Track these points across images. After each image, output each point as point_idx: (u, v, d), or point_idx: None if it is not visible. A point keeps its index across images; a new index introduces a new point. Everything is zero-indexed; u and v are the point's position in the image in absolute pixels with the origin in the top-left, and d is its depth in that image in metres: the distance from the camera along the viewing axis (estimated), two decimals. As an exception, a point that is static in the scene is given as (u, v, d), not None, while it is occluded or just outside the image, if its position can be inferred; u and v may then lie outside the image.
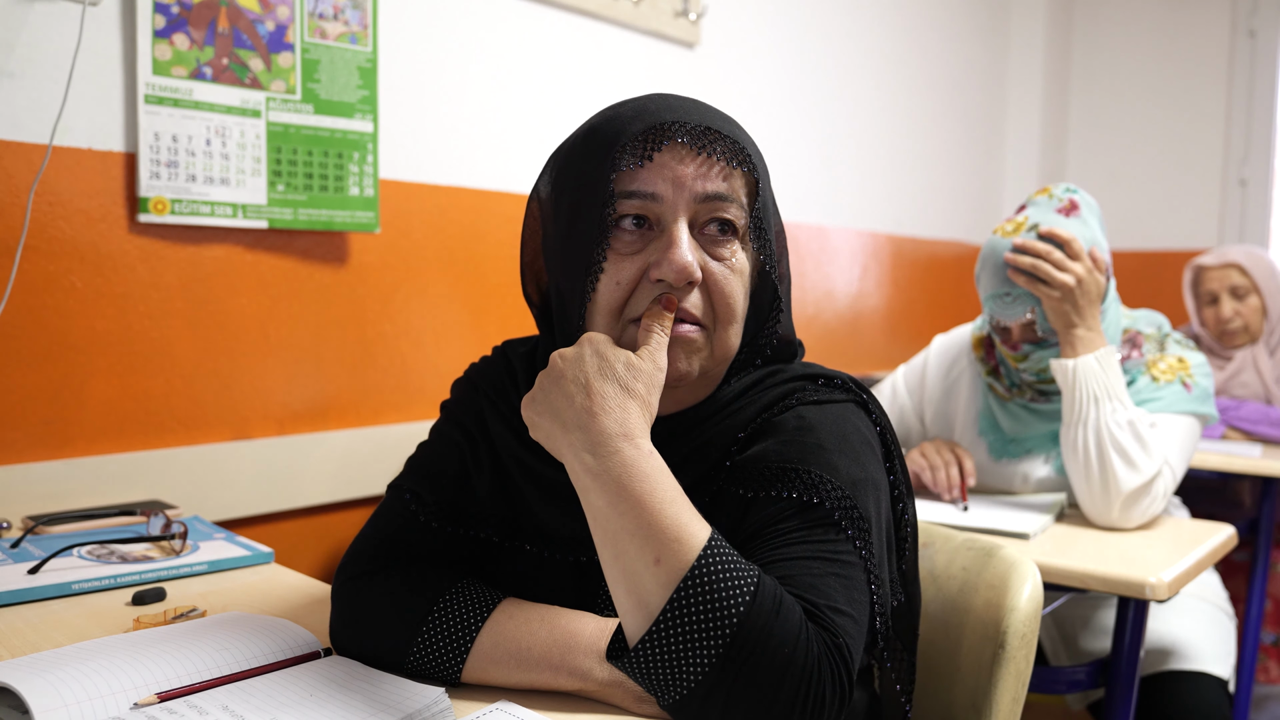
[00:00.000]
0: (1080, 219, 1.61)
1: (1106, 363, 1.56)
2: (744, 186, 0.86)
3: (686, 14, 2.37)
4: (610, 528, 0.74)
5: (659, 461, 0.76)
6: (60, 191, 1.41)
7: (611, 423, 0.75)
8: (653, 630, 0.70)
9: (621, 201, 0.82)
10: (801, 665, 0.69)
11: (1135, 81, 3.95)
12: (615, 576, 0.74)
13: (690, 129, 0.82)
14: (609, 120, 0.85)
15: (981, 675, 1.06)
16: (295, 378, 1.69)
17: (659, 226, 0.83)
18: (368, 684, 0.79)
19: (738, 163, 0.84)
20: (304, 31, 1.63)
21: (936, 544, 1.19)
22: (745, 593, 0.70)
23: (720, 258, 0.84)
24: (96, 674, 0.77)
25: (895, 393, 1.93)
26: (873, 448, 0.88)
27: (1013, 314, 1.62)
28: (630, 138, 0.82)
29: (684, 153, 0.82)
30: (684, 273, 0.80)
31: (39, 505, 1.38)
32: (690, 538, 0.72)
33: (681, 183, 0.82)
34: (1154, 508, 1.55)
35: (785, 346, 0.94)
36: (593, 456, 0.75)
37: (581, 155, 0.86)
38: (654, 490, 0.73)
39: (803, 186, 2.86)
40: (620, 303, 0.83)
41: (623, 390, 0.77)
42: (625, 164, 0.82)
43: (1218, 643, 1.70)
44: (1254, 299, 2.60)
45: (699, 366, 0.85)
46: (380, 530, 0.94)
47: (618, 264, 0.83)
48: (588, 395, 0.76)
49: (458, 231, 1.91)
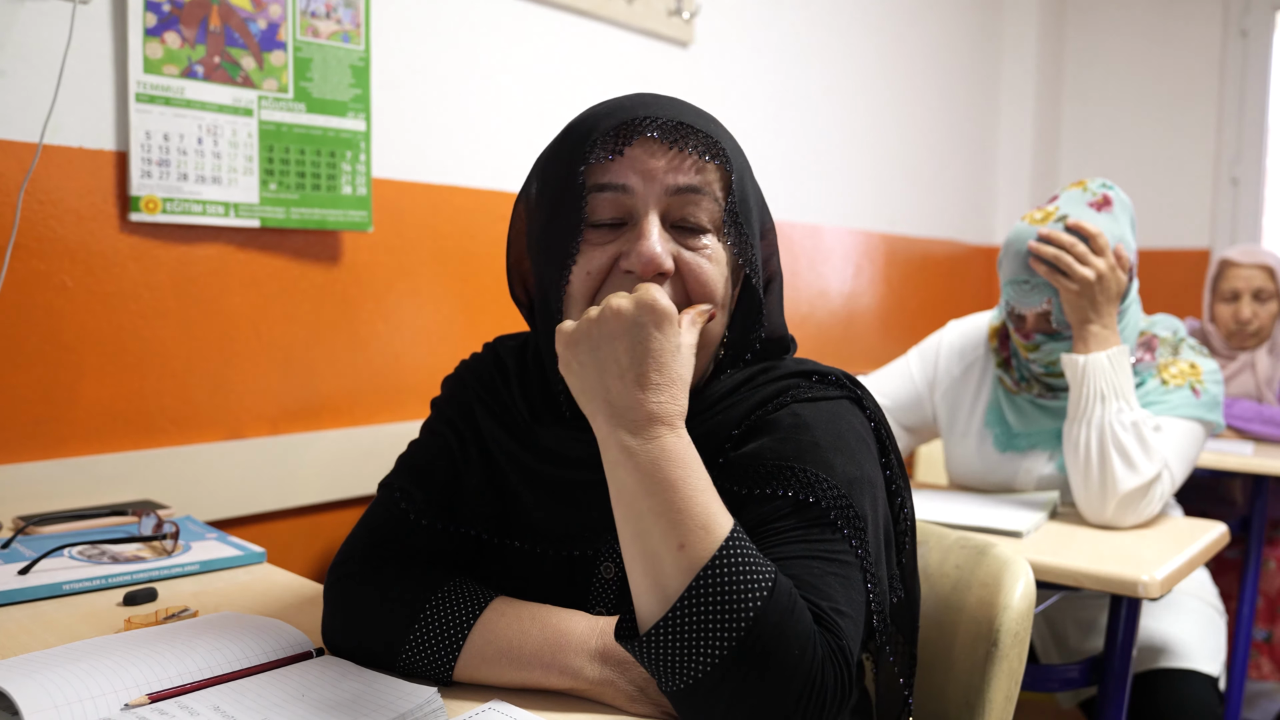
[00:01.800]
0: (1111, 215, 1.59)
1: (1118, 362, 1.55)
2: (718, 180, 0.86)
3: (680, 13, 2.36)
4: (637, 507, 0.74)
5: (695, 451, 0.76)
6: (51, 190, 1.41)
7: (658, 408, 0.75)
8: (669, 615, 0.70)
9: (593, 194, 0.83)
10: (809, 666, 0.70)
11: (1128, 80, 3.96)
12: (634, 555, 0.74)
13: (662, 124, 0.83)
14: (584, 118, 0.87)
15: (974, 673, 1.06)
16: (287, 377, 1.69)
17: (631, 219, 0.84)
18: (359, 684, 0.79)
19: (711, 156, 0.85)
20: (296, 30, 1.63)
21: (930, 542, 1.19)
22: (764, 587, 0.70)
23: (694, 248, 0.85)
24: (87, 675, 0.77)
25: (910, 373, 1.90)
26: (868, 445, 0.88)
27: (1030, 302, 1.62)
28: (602, 132, 0.83)
29: (655, 147, 0.83)
30: (651, 263, 0.81)
31: (30, 505, 1.38)
32: (717, 527, 0.72)
33: (653, 175, 0.83)
34: (1149, 510, 1.55)
35: (777, 342, 0.94)
36: (633, 436, 0.74)
37: (556, 151, 0.88)
38: (687, 477, 0.74)
39: (796, 185, 2.86)
40: (591, 291, 0.84)
41: (675, 377, 0.76)
42: (596, 157, 0.83)
43: (1208, 640, 1.70)
44: (1274, 304, 2.59)
45: None
46: (371, 528, 0.94)
47: (589, 254, 0.84)
48: (642, 374, 0.75)
49: (450, 230, 1.91)
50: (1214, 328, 2.69)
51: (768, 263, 0.93)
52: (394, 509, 0.93)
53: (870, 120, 3.16)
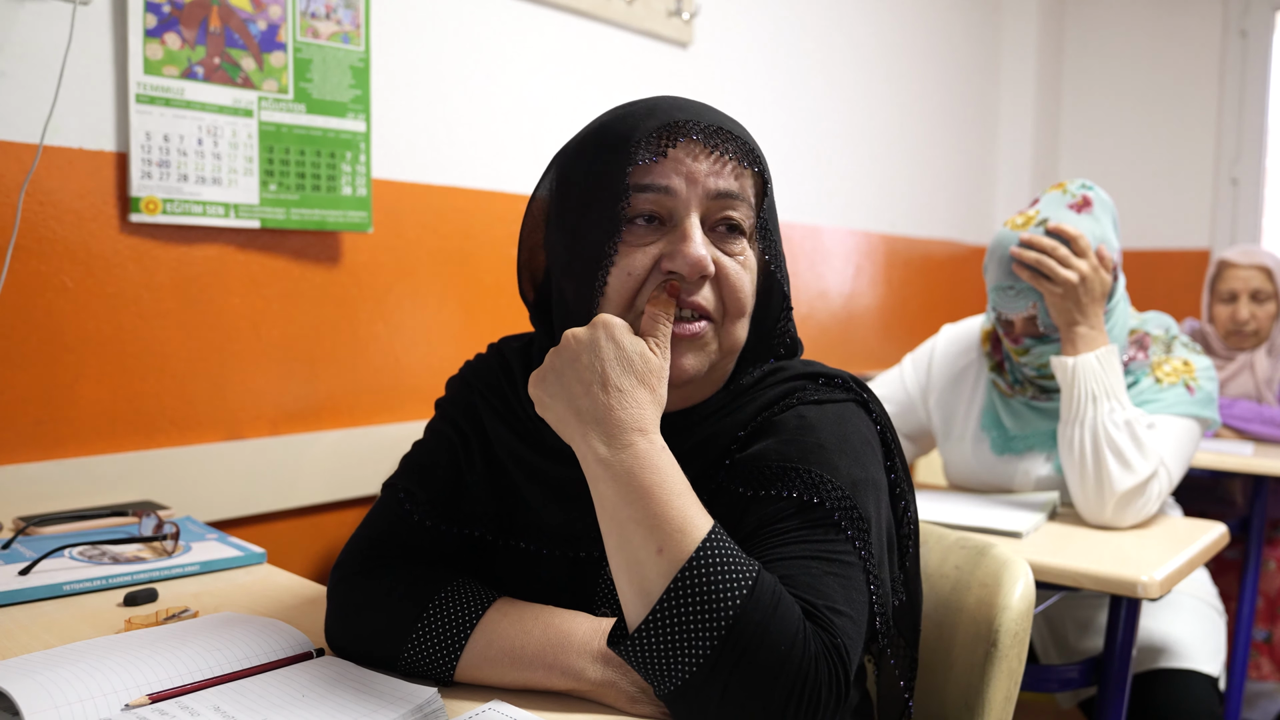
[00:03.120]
0: (1092, 216, 1.60)
1: (1107, 362, 1.55)
2: (753, 187, 0.87)
3: (679, 13, 2.37)
4: (617, 516, 0.75)
5: (669, 455, 0.77)
6: (51, 191, 1.41)
7: (627, 415, 0.76)
8: (651, 617, 0.71)
9: (635, 195, 0.83)
10: (798, 662, 0.69)
11: (1127, 80, 3.96)
12: (619, 564, 0.75)
13: (704, 128, 0.84)
14: (621, 118, 0.86)
15: (974, 673, 1.06)
16: (288, 378, 1.69)
17: (671, 221, 0.84)
18: (360, 684, 0.79)
19: (749, 163, 0.86)
20: (296, 31, 1.63)
21: (929, 542, 1.19)
22: (743, 585, 0.70)
23: (731, 253, 0.85)
24: (88, 675, 0.77)
25: (903, 382, 1.91)
26: (873, 447, 0.88)
27: (1016, 307, 1.62)
28: (645, 133, 0.83)
29: (698, 150, 0.83)
30: (698, 265, 0.81)
31: (30, 506, 1.38)
32: (694, 529, 0.73)
33: (695, 178, 0.83)
34: (1148, 508, 1.55)
35: (788, 345, 0.95)
36: (607, 447, 0.76)
37: (594, 150, 0.86)
38: (663, 482, 0.74)
39: (796, 186, 2.86)
40: (632, 293, 0.84)
41: (639, 382, 0.78)
42: (640, 158, 0.83)
43: (1208, 640, 1.70)
44: (1272, 305, 2.58)
45: (707, 364, 0.86)
46: (375, 529, 0.94)
47: (629, 255, 0.83)
48: (604, 386, 0.77)
49: (451, 231, 1.91)
50: (1212, 328, 2.69)
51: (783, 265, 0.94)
52: (397, 509, 0.94)
53: (870, 121, 3.16)
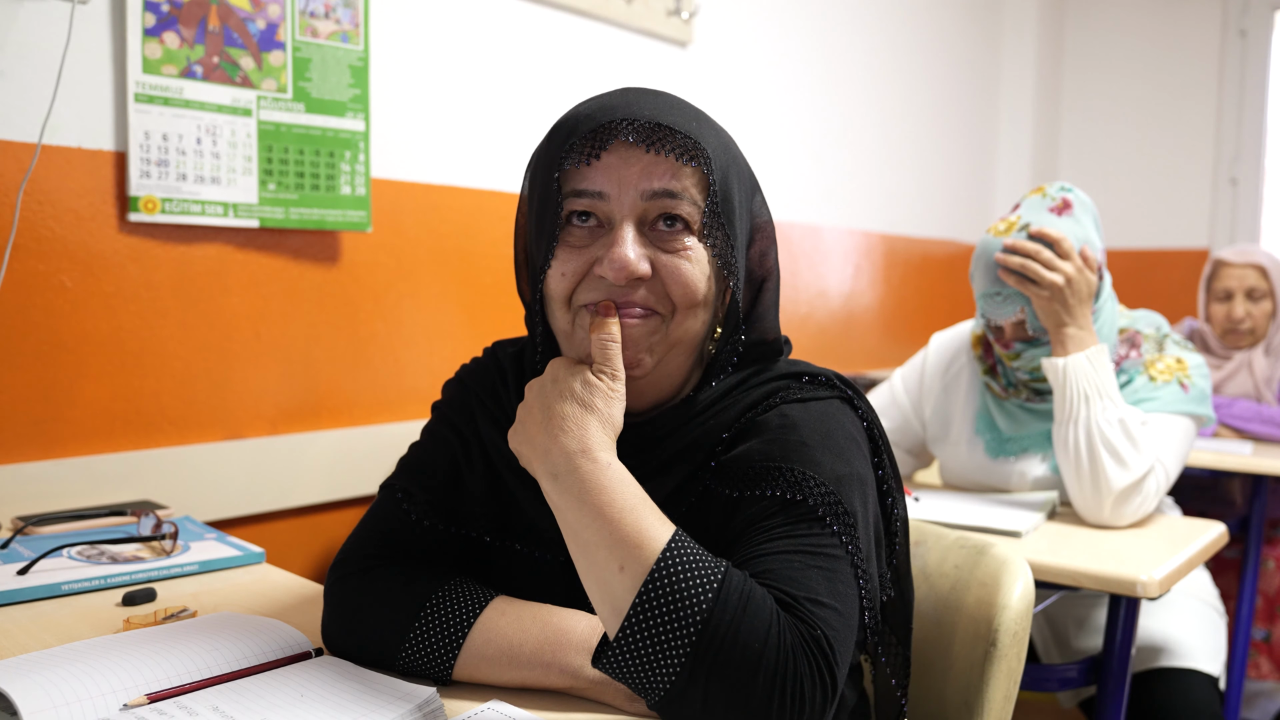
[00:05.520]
0: (1073, 217, 1.61)
1: (1097, 361, 1.56)
2: (697, 182, 0.85)
3: (679, 13, 2.36)
4: (581, 539, 0.76)
5: (618, 472, 0.78)
6: (50, 191, 1.41)
7: (570, 441, 0.78)
8: (621, 634, 0.71)
9: (570, 199, 0.84)
10: (774, 658, 0.69)
11: (1127, 80, 3.96)
12: (591, 586, 0.76)
13: (638, 127, 0.82)
14: (566, 119, 0.87)
15: (973, 673, 1.06)
16: (287, 377, 1.69)
17: (608, 224, 0.84)
18: (359, 683, 0.79)
19: (690, 158, 0.84)
20: (295, 30, 1.63)
21: (928, 542, 1.19)
22: (709, 589, 0.71)
23: (672, 250, 0.84)
24: (86, 675, 0.77)
25: (895, 398, 1.91)
26: (858, 443, 0.88)
27: (1004, 313, 1.63)
28: (579, 137, 0.83)
29: (630, 152, 0.82)
30: (623, 270, 0.81)
31: (29, 505, 1.38)
32: (650, 541, 0.73)
33: (627, 182, 0.82)
34: (1146, 506, 1.56)
35: (770, 345, 0.94)
36: (554, 479, 0.78)
37: (542, 152, 0.88)
38: (612, 501, 0.75)
39: (795, 185, 2.86)
40: (568, 292, 0.85)
41: (581, 408, 0.80)
42: (572, 163, 0.83)
43: (1208, 640, 1.70)
44: (1267, 303, 2.58)
45: (657, 355, 0.86)
46: (373, 529, 0.94)
47: (566, 257, 0.84)
48: (548, 419, 0.80)
49: (450, 230, 1.91)
50: (1209, 328, 2.69)
51: (763, 259, 0.92)
52: (395, 510, 0.94)
53: (869, 120, 3.16)
